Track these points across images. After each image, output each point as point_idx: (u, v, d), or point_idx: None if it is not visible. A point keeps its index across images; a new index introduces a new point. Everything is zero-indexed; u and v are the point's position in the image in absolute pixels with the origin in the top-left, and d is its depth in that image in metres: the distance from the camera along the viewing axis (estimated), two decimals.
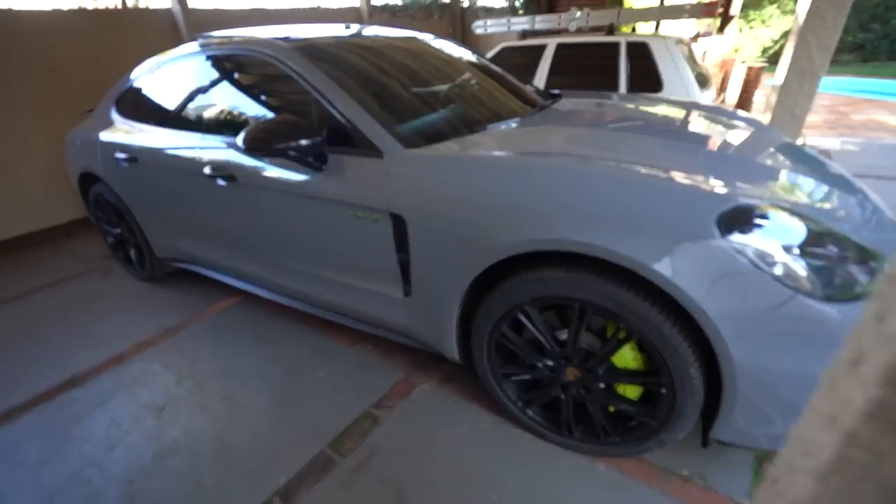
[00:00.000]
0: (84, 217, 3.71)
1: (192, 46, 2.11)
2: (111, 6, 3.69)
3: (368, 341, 2.05)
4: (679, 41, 3.35)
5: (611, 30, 3.60)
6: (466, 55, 2.29)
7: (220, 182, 1.81)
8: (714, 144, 1.61)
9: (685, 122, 1.85)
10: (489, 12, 7.02)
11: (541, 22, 4.34)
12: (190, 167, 1.94)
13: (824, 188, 1.34)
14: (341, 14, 5.49)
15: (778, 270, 0.98)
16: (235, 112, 1.92)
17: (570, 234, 1.11)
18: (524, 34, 4.28)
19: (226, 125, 1.92)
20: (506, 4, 7.35)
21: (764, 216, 1.05)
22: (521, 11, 6.84)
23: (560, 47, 3.72)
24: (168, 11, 3.99)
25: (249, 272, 2.07)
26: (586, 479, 1.36)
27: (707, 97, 3.17)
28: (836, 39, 2.31)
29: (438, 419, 1.61)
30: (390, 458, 1.48)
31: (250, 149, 1.45)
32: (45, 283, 2.88)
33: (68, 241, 3.57)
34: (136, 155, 2.20)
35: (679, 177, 1.15)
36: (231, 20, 4.41)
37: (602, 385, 1.29)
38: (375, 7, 5.83)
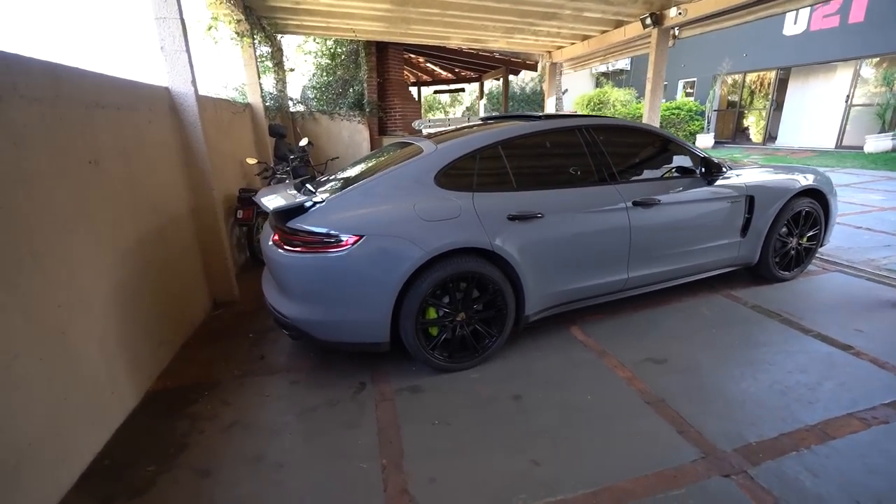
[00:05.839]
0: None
1: (529, 125, 2.70)
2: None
3: (679, 297, 3.27)
4: None
5: None
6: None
7: (639, 210, 2.72)
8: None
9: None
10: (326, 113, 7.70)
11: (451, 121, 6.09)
12: (608, 206, 2.67)
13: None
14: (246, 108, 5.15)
15: None
16: (634, 164, 2.98)
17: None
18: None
19: (641, 170, 3.01)
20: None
21: None
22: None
23: None
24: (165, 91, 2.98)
25: (633, 275, 2.84)
26: None
27: None
28: None
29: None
30: None
31: (708, 177, 2.82)
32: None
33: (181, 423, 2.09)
34: (542, 211, 2.47)
35: None
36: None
37: None
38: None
